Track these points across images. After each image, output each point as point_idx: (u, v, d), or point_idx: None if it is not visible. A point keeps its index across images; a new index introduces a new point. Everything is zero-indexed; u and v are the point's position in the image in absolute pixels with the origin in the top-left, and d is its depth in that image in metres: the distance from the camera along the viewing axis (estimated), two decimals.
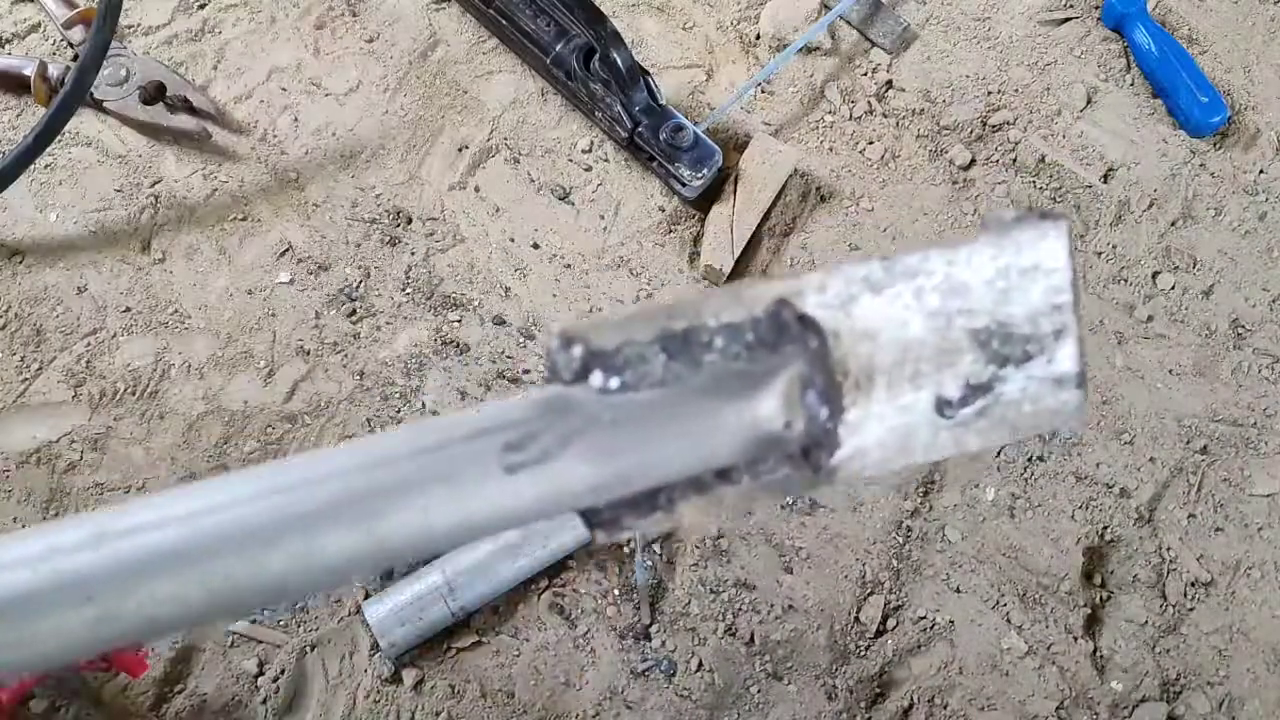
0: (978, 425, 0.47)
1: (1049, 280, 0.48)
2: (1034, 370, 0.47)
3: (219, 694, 1.01)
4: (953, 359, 0.47)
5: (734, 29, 1.33)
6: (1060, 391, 0.48)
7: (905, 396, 0.46)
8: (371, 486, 0.41)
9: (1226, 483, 1.14)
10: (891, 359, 0.46)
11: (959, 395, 0.47)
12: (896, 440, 0.46)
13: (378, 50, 1.28)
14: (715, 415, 0.45)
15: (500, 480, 0.42)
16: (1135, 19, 1.31)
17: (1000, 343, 0.47)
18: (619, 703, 1.02)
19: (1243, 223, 1.26)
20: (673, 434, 0.44)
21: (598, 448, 0.44)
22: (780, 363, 0.45)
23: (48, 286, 1.15)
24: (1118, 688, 1.06)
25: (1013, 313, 0.47)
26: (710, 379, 0.45)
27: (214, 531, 0.39)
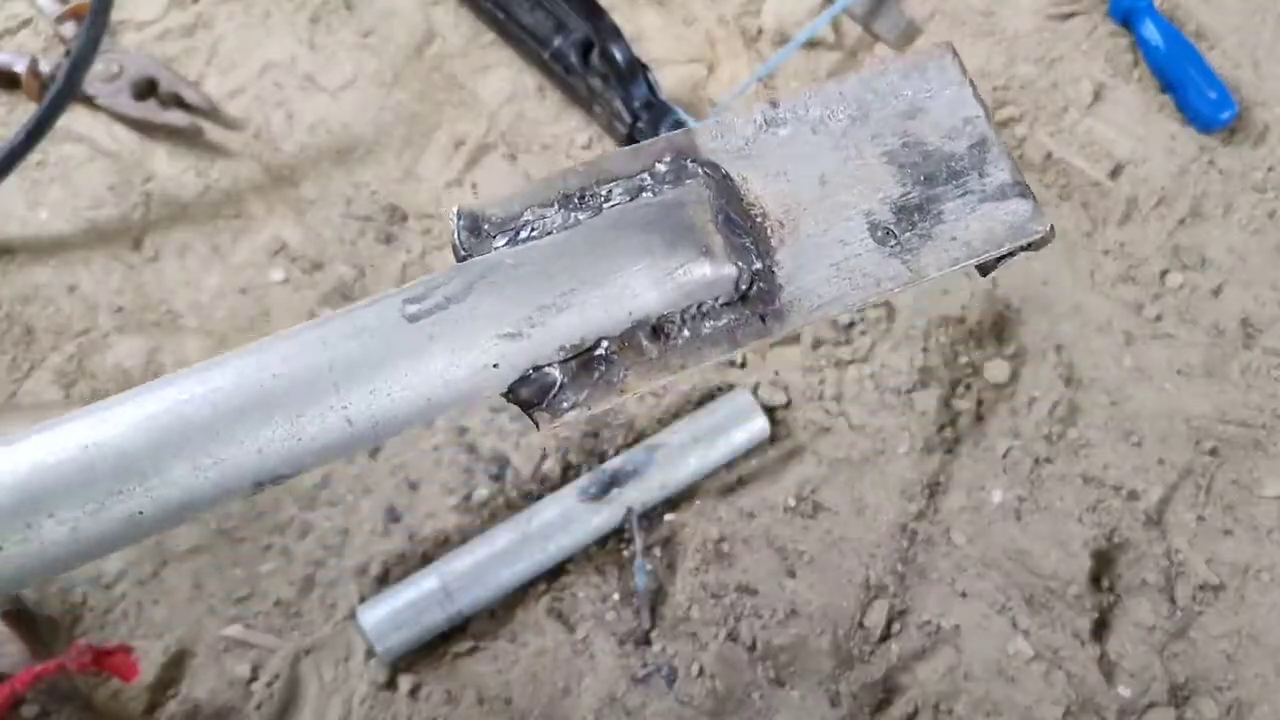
0: (929, 248, 0.46)
1: (951, 96, 0.48)
2: (969, 185, 0.47)
3: (212, 699, 1.00)
4: (874, 185, 0.47)
5: (736, 23, 1.31)
6: (1006, 202, 0.47)
7: (836, 228, 0.46)
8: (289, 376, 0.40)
9: (1236, 485, 1.12)
10: (810, 195, 0.46)
11: (894, 220, 0.46)
12: (843, 276, 0.45)
13: (373, 44, 1.27)
14: (627, 252, 0.43)
15: (404, 330, 0.41)
16: (1143, 13, 1.29)
17: (920, 163, 0.47)
18: (619, 709, 1.01)
19: (1252, 220, 1.24)
20: (584, 273, 0.42)
21: (503, 289, 0.42)
22: (692, 197, 0.44)
23: (38, 285, 1.13)
24: (1126, 693, 1.04)
25: (922, 131, 0.48)
26: (616, 219, 0.44)
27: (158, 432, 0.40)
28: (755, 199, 0.46)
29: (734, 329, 0.44)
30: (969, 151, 0.48)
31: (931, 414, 1.13)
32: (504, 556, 1.01)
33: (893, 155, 0.47)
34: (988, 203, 0.47)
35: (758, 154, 0.46)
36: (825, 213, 0.46)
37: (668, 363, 0.44)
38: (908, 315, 1.17)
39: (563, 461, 1.09)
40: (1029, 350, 1.17)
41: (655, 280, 0.43)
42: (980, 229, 0.47)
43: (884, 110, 0.48)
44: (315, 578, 1.04)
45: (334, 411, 0.40)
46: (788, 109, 0.48)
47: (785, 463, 1.11)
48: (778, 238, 0.45)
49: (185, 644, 1.01)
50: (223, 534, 1.05)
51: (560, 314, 0.42)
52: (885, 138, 0.48)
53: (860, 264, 0.46)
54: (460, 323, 0.41)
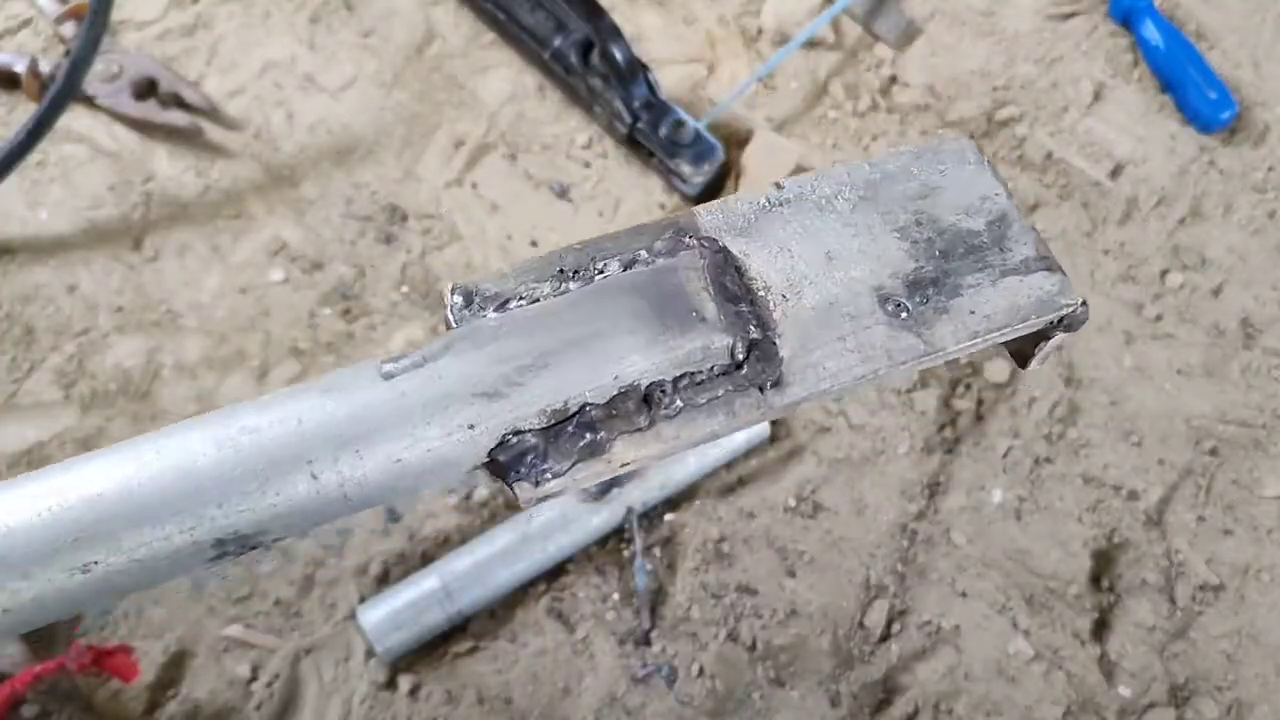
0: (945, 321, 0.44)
1: (967, 176, 0.46)
2: (989, 259, 0.45)
3: (212, 699, 1.00)
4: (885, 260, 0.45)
5: (736, 23, 1.31)
6: (1030, 276, 0.45)
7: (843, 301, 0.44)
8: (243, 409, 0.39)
9: (1236, 484, 1.12)
10: (815, 268, 0.44)
11: (905, 292, 0.44)
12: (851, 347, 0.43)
13: (373, 45, 1.27)
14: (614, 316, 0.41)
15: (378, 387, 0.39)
16: (1143, 13, 1.29)
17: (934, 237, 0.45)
18: (619, 709, 1.01)
19: (1252, 220, 1.24)
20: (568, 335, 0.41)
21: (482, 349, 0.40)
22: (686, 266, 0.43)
23: (39, 285, 1.13)
24: (1126, 693, 1.04)
25: (937, 209, 0.46)
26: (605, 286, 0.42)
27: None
28: (757, 273, 0.44)
29: (731, 400, 0.42)
30: (988, 228, 0.46)
31: (931, 414, 1.13)
32: (504, 556, 1.01)
33: (905, 231, 0.45)
34: (1010, 276, 0.45)
35: (760, 231, 0.45)
36: (831, 286, 0.44)
37: (660, 433, 0.41)
38: None
39: None
40: None
41: (643, 345, 0.41)
42: (1003, 302, 0.44)
43: (895, 190, 0.46)
44: (315, 578, 1.03)
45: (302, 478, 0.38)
46: (793, 189, 0.46)
47: (785, 463, 1.11)
48: (780, 310, 0.43)
49: (185, 644, 1.01)
50: None
51: (540, 375, 0.40)
52: (896, 215, 0.46)
53: (870, 337, 0.43)
54: (435, 380, 0.40)
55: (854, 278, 0.44)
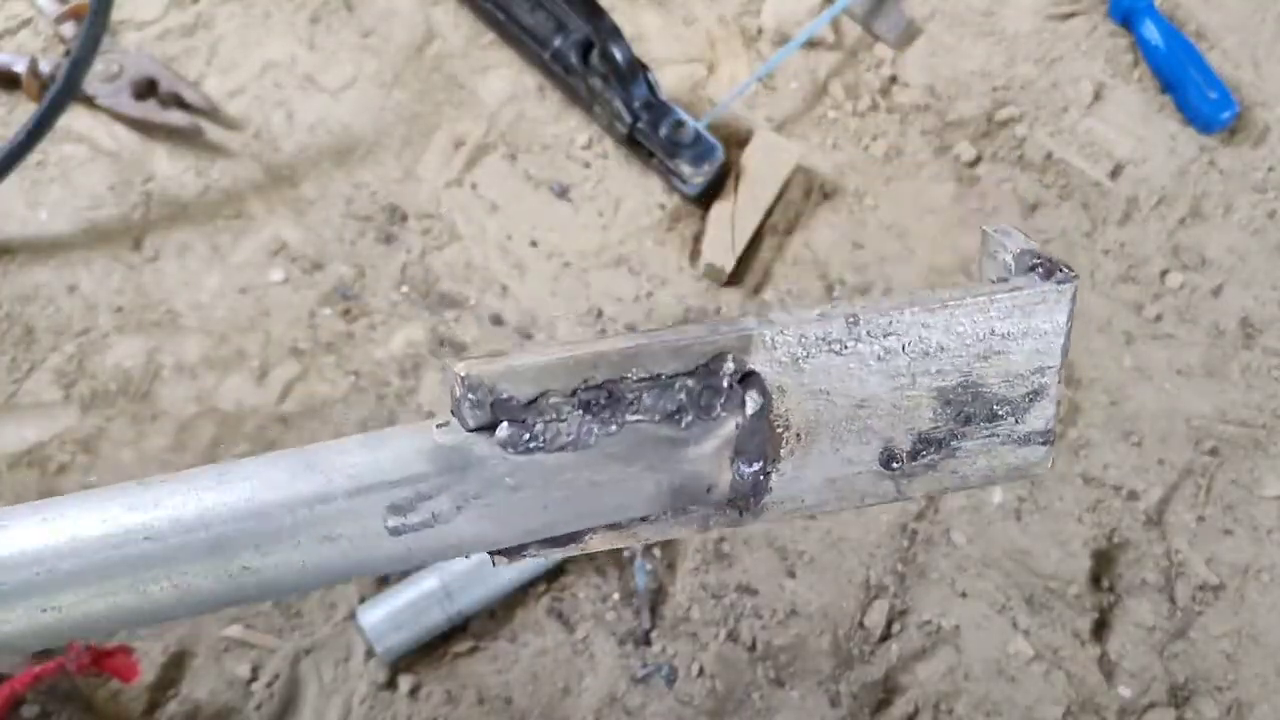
0: (924, 477, 0.45)
1: (1037, 344, 0.45)
2: (999, 429, 0.45)
3: (212, 699, 1.00)
4: (910, 417, 0.44)
5: (736, 23, 1.31)
6: (1022, 448, 0.46)
7: (850, 449, 0.44)
8: (244, 537, 0.38)
9: (1236, 484, 1.12)
10: (842, 415, 0.44)
11: (909, 450, 0.45)
12: (834, 488, 0.44)
13: (373, 45, 1.27)
14: (633, 482, 0.41)
15: (383, 540, 0.39)
16: (1143, 13, 1.29)
17: (967, 403, 0.45)
18: (619, 709, 1.01)
19: (1252, 220, 1.24)
20: (582, 500, 0.41)
21: (495, 514, 0.40)
22: (708, 442, 0.42)
23: (38, 285, 1.13)
24: (1126, 693, 1.04)
25: (988, 375, 0.45)
26: (630, 448, 0.41)
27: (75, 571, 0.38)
28: (784, 412, 0.43)
29: (707, 517, 0.43)
30: (1020, 399, 0.45)
31: None
32: None
33: (943, 392, 0.44)
34: (1006, 445, 0.46)
35: (809, 371, 0.43)
36: (847, 434, 0.44)
37: (636, 534, 0.43)
38: None
39: None
40: None
41: (654, 511, 0.43)
42: (983, 465, 0.45)
43: (961, 348, 0.44)
44: None
45: None
46: (866, 327, 0.43)
47: None
48: (789, 449, 0.43)
49: (185, 644, 1.01)
50: None
51: (542, 530, 0.41)
52: (948, 375, 0.44)
53: (855, 482, 0.44)
54: (444, 545, 0.40)
55: (871, 428, 0.44)
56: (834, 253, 1.20)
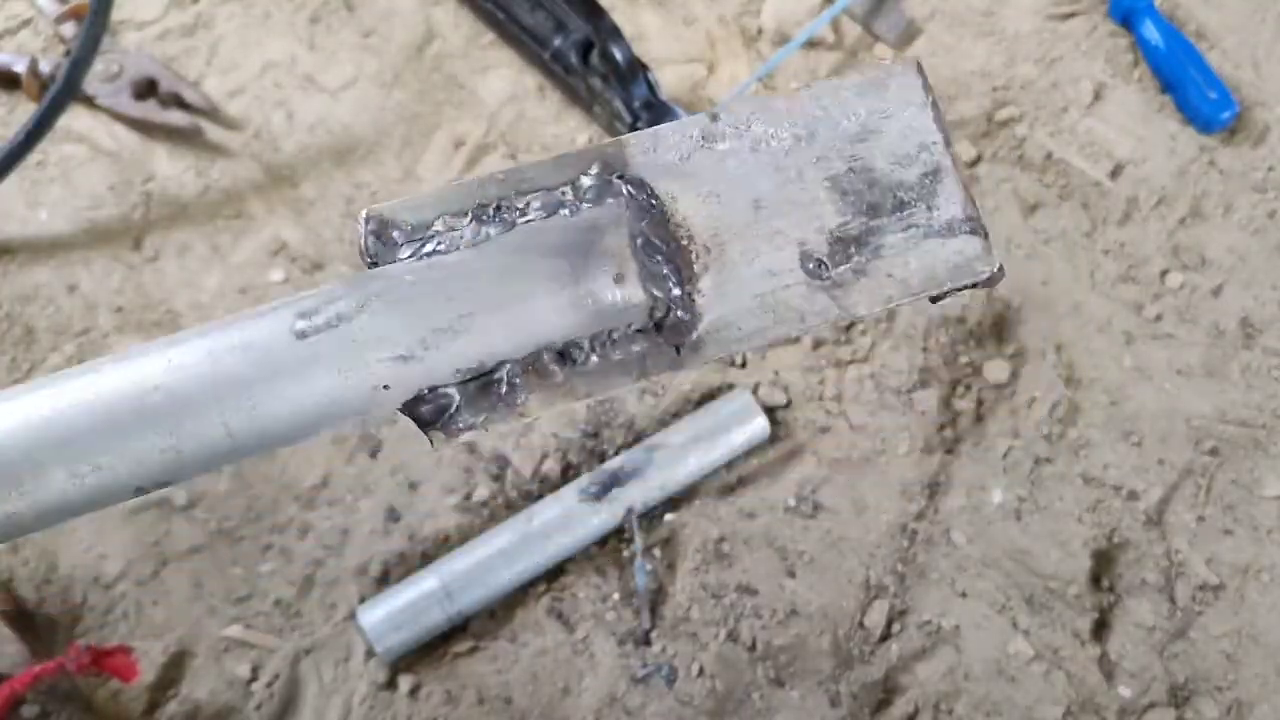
0: (861, 285, 0.43)
1: (908, 121, 0.45)
2: (915, 218, 0.44)
3: (212, 699, 1.00)
4: (813, 212, 0.44)
5: (736, 23, 1.31)
6: (953, 239, 0.44)
7: (765, 256, 0.43)
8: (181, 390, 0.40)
9: (1236, 484, 1.12)
10: (741, 218, 0.43)
11: (828, 251, 0.43)
12: (767, 308, 0.43)
13: (373, 45, 1.27)
14: (533, 277, 0.41)
15: (292, 346, 0.40)
16: (1143, 13, 1.29)
17: (864, 190, 0.44)
18: (618, 709, 1.01)
19: (1252, 220, 1.24)
20: (485, 296, 0.41)
21: (397, 308, 0.40)
22: (610, 219, 0.42)
23: (39, 285, 1.13)
24: (1126, 693, 1.04)
25: (872, 155, 0.44)
26: (525, 239, 0.41)
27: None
28: (683, 220, 0.43)
29: (645, 357, 0.42)
30: (920, 180, 0.45)
31: (931, 414, 1.13)
32: (504, 556, 1.01)
33: (836, 180, 0.44)
34: (933, 239, 0.44)
35: (691, 171, 0.44)
36: (756, 239, 0.43)
37: (573, 388, 0.42)
38: (908, 315, 1.17)
39: (563, 461, 1.09)
40: (1029, 350, 1.16)
41: (561, 306, 0.41)
42: (920, 267, 0.44)
43: (833, 131, 0.45)
44: (315, 578, 1.04)
45: (215, 426, 0.40)
46: (729, 123, 0.44)
47: (785, 463, 1.11)
48: (702, 264, 0.43)
49: (185, 644, 1.01)
50: (222, 534, 1.04)
51: (457, 338, 0.40)
52: (831, 161, 0.44)
53: (787, 296, 0.43)
54: (349, 343, 0.40)
55: (779, 230, 0.43)
56: None
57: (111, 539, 1.04)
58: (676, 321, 0.42)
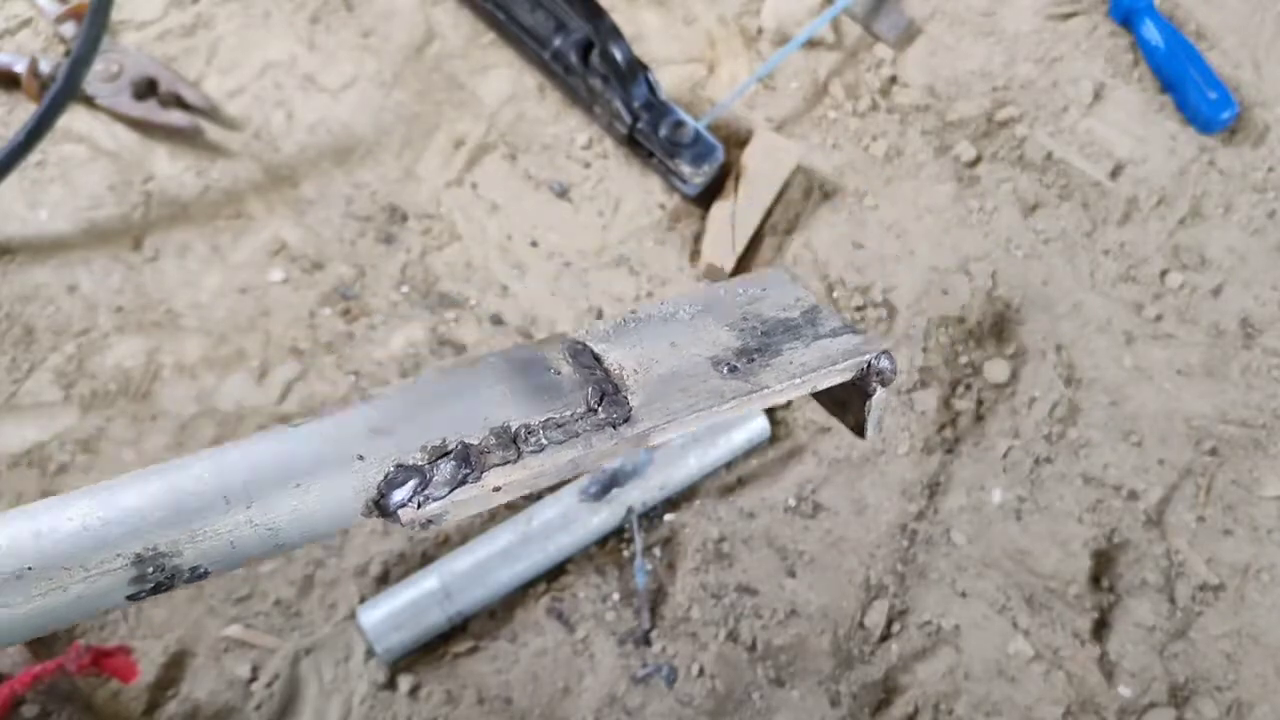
0: (768, 371, 0.52)
1: (784, 291, 0.58)
2: (803, 333, 0.55)
3: (212, 699, 1.00)
4: (720, 342, 0.54)
5: (736, 23, 1.31)
6: (838, 338, 0.55)
7: (685, 369, 0.52)
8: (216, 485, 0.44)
9: (1236, 485, 1.12)
10: (661, 351, 0.53)
11: (735, 359, 0.53)
12: (690, 394, 0.51)
13: (373, 45, 1.27)
14: (486, 378, 0.50)
15: (288, 434, 0.46)
16: (1143, 13, 1.29)
17: (759, 326, 0.55)
18: (618, 709, 1.01)
19: (1252, 220, 1.24)
20: (447, 393, 0.49)
21: (376, 405, 0.48)
22: (544, 347, 0.53)
23: (39, 285, 1.13)
24: (1126, 693, 1.04)
25: (761, 309, 0.56)
26: (479, 362, 0.51)
27: None
28: (613, 361, 0.52)
29: (589, 435, 0.49)
30: (802, 315, 0.56)
31: (931, 414, 1.13)
32: (504, 556, 1.01)
33: (734, 324, 0.55)
34: (823, 339, 0.54)
35: (616, 338, 0.54)
36: (675, 361, 0.52)
37: (527, 464, 0.47)
38: (907, 315, 1.17)
39: None
40: (1029, 350, 1.16)
41: (510, 396, 0.49)
42: (816, 355, 0.53)
43: (727, 302, 0.56)
44: (315, 578, 1.03)
45: (238, 514, 0.44)
46: (644, 310, 0.55)
47: (785, 463, 1.11)
48: (633, 380, 0.51)
49: (185, 644, 1.01)
50: None
51: (422, 420, 0.47)
52: (729, 316, 0.55)
53: (706, 386, 0.51)
54: (335, 425, 0.47)
55: (694, 354, 0.53)
56: (834, 253, 1.20)
57: None
58: (612, 407, 0.50)
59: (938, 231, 1.21)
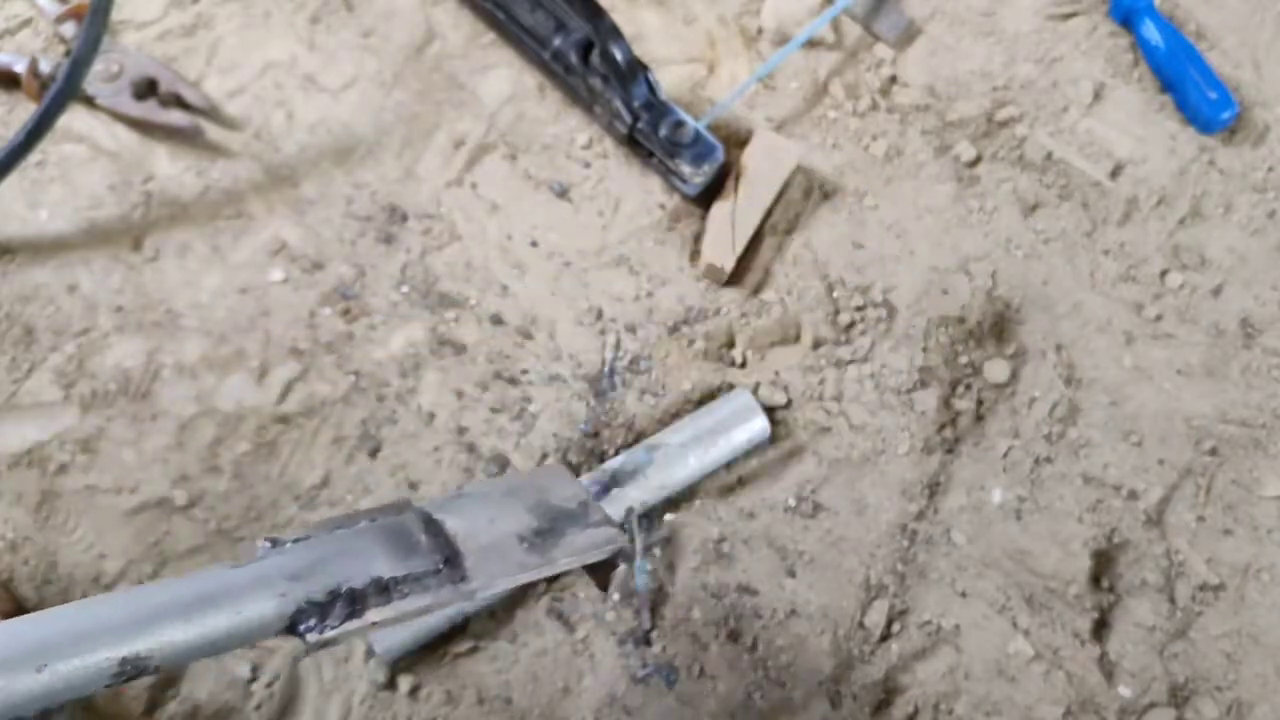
0: (557, 549, 0.76)
1: (563, 487, 0.82)
2: (579, 522, 0.79)
3: (212, 699, 1.00)
4: (523, 521, 0.77)
5: (736, 23, 1.31)
6: (598, 530, 0.78)
7: (499, 541, 0.75)
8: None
9: (1236, 484, 1.12)
10: (482, 526, 0.75)
11: (534, 537, 0.76)
12: (506, 563, 0.73)
13: (373, 45, 1.27)
14: (366, 544, 0.70)
15: (226, 574, 0.65)
16: (1143, 13, 1.29)
17: (548, 510, 0.79)
18: (618, 709, 1.01)
19: (1252, 220, 1.24)
20: (339, 550, 0.69)
21: (289, 557, 0.68)
22: (407, 520, 0.74)
23: (38, 285, 1.13)
24: (1126, 693, 1.04)
25: (549, 500, 0.80)
26: (360, 529, 0.73)
27: None
28: (448, 528, 0.74)
29: (437, 589, 0.70)
30: (578, 507, 0.80)
31: (931, 414, 1.13)
32: None
33: (532, 509, 0.79)
34: (590, 529, 0.78)
35: (449, 509, 0.76)
36: (493, 535, 0.75)
37: (396, 606, 0.68)
38: (907, 315, 1.17)
39: (563, 461, 1.09)
40: (1029, 350, 1.16)
41: (384, 557, 0.70)
42: (586, 540, 0.77)
43: (524, 491, 0.81)
44: None
45: (175, 630, 0.62)
46: (469, 489, 0.84)
47: (785, 463, 1.11)
48: (465, 546, 0.73)
49: None
50: (222, 534, 1.04)
51: (323, 572, 0.67)
52: (528, 500, 0.79)
53: (515, 557, 0.74)
54: (265, 566, 0.66)
55: (506, 530, 0.76)
56: (834, 252, 1.20)
57: (111, 538, 1.04)
58: (453, 570, 0.71)
59: (938, 231, 1.21)
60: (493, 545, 0.73)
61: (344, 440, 1.09)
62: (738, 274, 1.17)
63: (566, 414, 1.11)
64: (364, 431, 1.09)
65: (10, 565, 1.02)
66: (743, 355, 1.15)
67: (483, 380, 1.12)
